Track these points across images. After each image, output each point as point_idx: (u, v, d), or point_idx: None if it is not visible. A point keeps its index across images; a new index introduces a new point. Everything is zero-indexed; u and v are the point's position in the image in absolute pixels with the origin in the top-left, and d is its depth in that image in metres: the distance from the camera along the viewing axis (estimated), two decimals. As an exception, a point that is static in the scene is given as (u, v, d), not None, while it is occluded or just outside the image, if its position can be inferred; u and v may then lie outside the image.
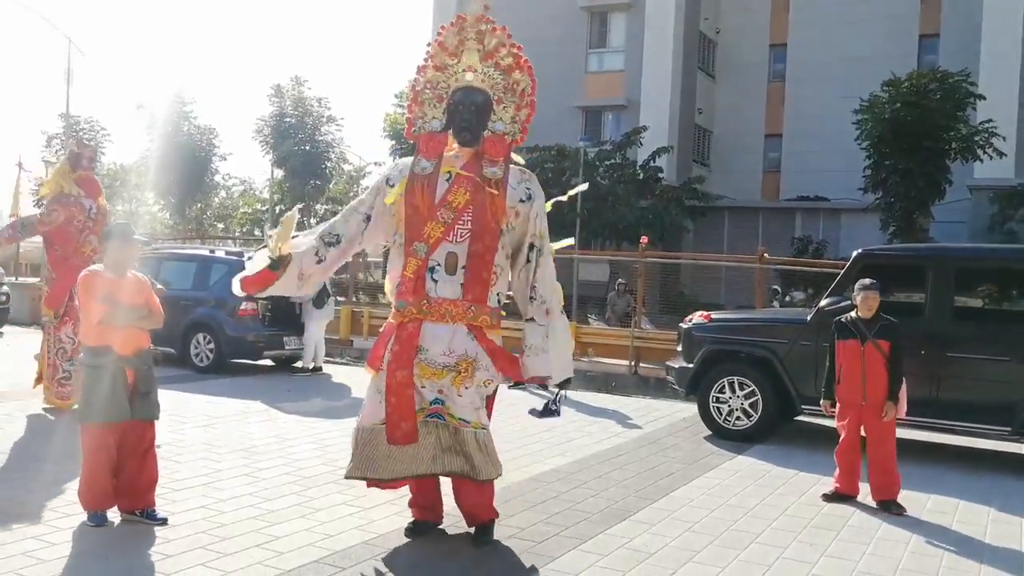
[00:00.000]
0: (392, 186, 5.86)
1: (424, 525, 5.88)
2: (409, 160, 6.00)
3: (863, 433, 7.20)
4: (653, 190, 29.59)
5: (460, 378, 5.52)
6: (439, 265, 5.59)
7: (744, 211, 34.71)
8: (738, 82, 36.61)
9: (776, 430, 9.90)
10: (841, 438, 7.30)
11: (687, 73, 34.78)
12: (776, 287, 19.80)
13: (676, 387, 10.87)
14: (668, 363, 11.15)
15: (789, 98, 35.70)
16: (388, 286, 5.98)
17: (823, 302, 9.33)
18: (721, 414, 9.79)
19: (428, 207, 5.63)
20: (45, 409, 9.61)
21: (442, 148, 5.86)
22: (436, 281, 5.58)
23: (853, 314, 7.33)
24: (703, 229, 32.80)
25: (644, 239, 18.07)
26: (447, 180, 5.72)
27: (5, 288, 18.45)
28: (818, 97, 33.79)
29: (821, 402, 7.61)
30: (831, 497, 7.21)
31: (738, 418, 9.69)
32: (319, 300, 13.86)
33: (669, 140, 31.94)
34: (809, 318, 9.48)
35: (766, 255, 16.98)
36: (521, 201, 5.75)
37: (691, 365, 10.19)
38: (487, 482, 5.68)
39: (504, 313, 5.89)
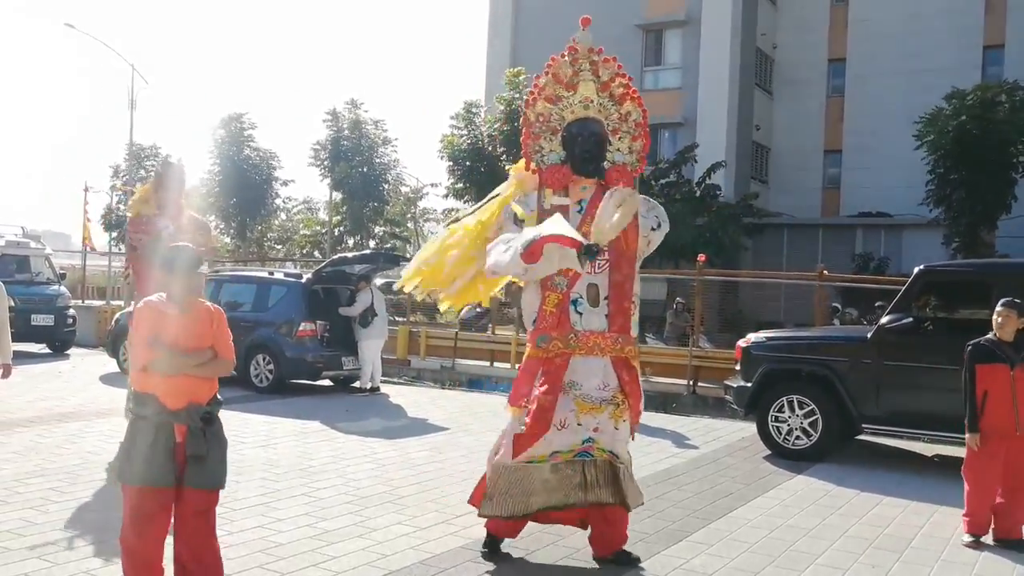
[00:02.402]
0: (522, 222, 5.71)
1: (498, 542, 5.87)
2: (531, 195, 5.82)
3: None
4: (710, 208, 29.40)
5: (619, 411, 5.55)
6: (581, 297, 5.55)
7: (803, 228, 34.30)
8: (796, 98, 36.28)
9: (836, 449, 9.73)
10: (971, 473, 6.61)
11: (744, 90, 34.55)
12: (836, 304, 19.53)
13: (735, 406, 10.76)
14: (726, 382, 11.05)
15: (848, 113, 35.28)
16: (526, 322, 5.90)
17: (884, 319, 9.18)
18: (780, 433, 9.66)
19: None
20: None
21: (567, 180, 5.79)
22: (581, 314, 5.54)
23: (991, 336, 6.61)
24: (762, 247, 32.48)
25: (701, 257, 17.94)
26: (579, 212, 5.68)
27: (72, 311, 18.85)
28: (878, 112, 33.35)
29: (968, 436, 6.58)
30: (978, 543, 6.47)
31: (797, 437, 9.55)
32: (364, 319, 13.93)
33: (727, 157, 31.72)
34: (870, 335, 9.33)
35: (825, 272, 16.77)
36: (652, 229, 5.83)
37: (749, 384, 10.08)
38: (628, 511, 5.82)
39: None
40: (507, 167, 6.90)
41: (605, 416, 5.50)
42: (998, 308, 6.58)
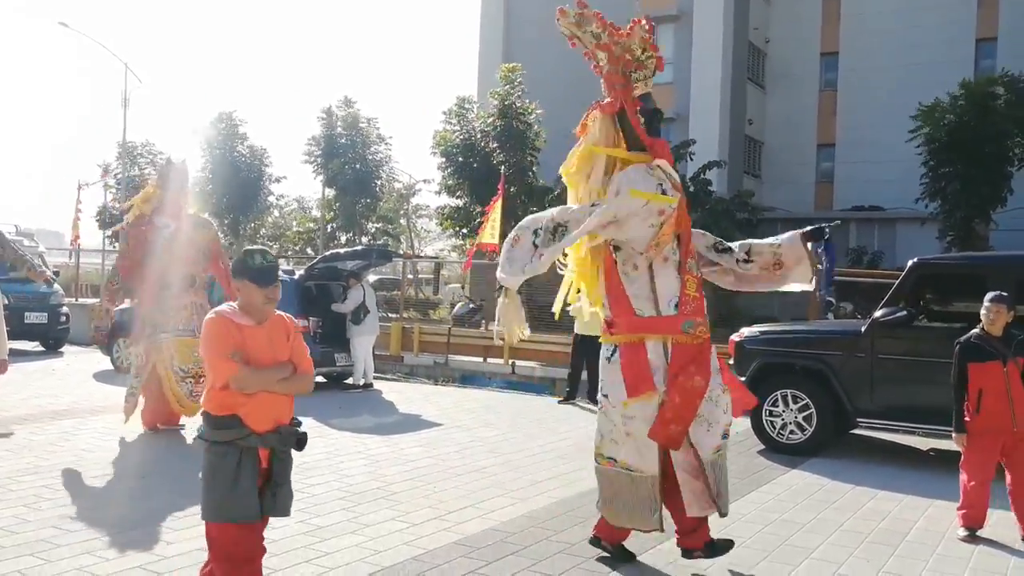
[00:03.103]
0: (665, 193, 5.35)
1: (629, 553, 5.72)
2: (640, 168, 5.40)
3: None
4: (704, 203, 29.38)
5: (726, 395, 5.46)
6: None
7: (797, 222, 34.05)
8: (789, 92, 36.31)
9: (830, 444, 9.73)
10: (969, 468, 6.55)
11: (737, 84, 34.57)
12: (831, 299, 19.51)
13: (729, 401, 10.73)
14: (720, 376, 11.02)
15: (841, 107, 35.32)
16: (613, 310, 5.48)
17: (878, 313, 9.16)
18: (775, 428, 9.65)
19: (687, 218, 5.44)
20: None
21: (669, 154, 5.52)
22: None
23: (978, 331, 6.55)
24: (755, 241, 32.47)
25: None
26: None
27: (65, 309, 18.80)
28: (871, 105, 33.39)
29: (955, 436, 6.60)
30: (974, 537, 6.45)
31: (792, 432, 9.54)
32: (356, 316, 13.90)
33: (719, 152, 31.73)
34: (863, 329, 9.32)
35: (819, 266, 16.73)
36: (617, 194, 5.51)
37: (743, 378, 10.06)
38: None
39: None
40: (500, 164, 6.81)
41: (724, 404, 5.46)
42: (986, 303, 6.45)
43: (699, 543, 5.51)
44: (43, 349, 18.42)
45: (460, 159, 30.21)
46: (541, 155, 30.30)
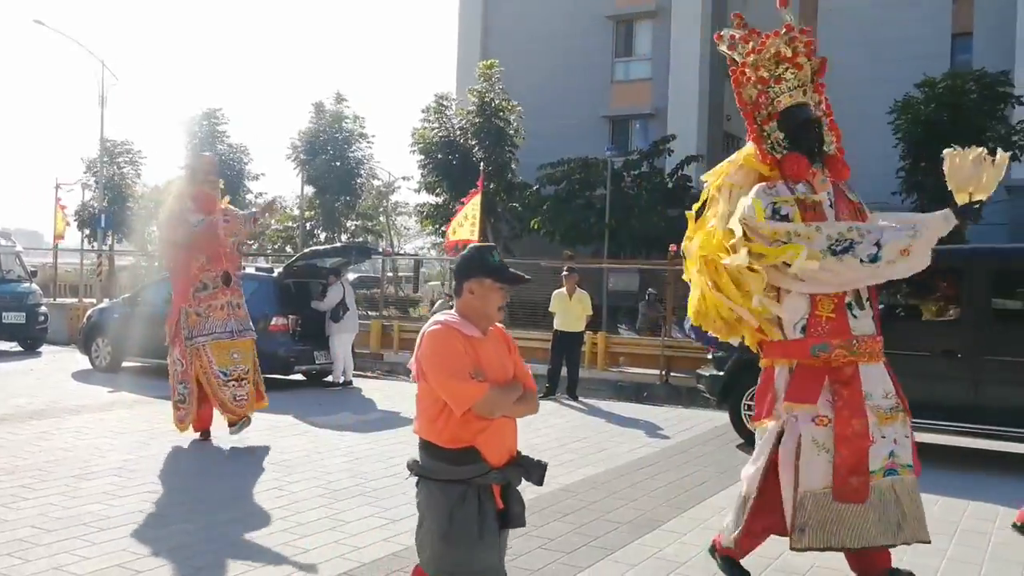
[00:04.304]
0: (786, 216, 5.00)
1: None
2: (764, 185, 5.12)
3: None
4: (683, 199, 29.49)
5: (906, 419, 5.10)
6: (852, 300, 5.06)
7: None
8: (766, 88, 36.42)
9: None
10: None
11: (714, 80, 34.64)
12: (808, 293, 19.64)
13: (707, 395, 10.81)
14: (699, 371, 11.09)
15: (818, 102, 35.46)
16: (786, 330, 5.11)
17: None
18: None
19: None
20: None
21: (807, 171, 5.11)
22: (856, 317, 5.03)
23: None
24: (735, 236, 32.60)
25: (672, 248, 17.98)
26: (830, 206, 5.11)
27: (44, 308, 18.68)
28: (848, 100, 33.26)
29: None
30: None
31: (770, 425, 9.58)
32: (335, 313, 13.88)
33: (698, 148, 31.81)
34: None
35: (797, 260, 16.85)
36: None
37: (721, 373, 10.12)
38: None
39: None
40: (479, 161, 6.72)
41: (899, 425, 5.03)
42: None
43: None
44: (21, 349, 18.28)
45: (439, 156, 30.18)
46: (519, 152, 30.31)
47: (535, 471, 3.54)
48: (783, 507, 5.08)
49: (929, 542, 5.09)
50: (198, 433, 9.25)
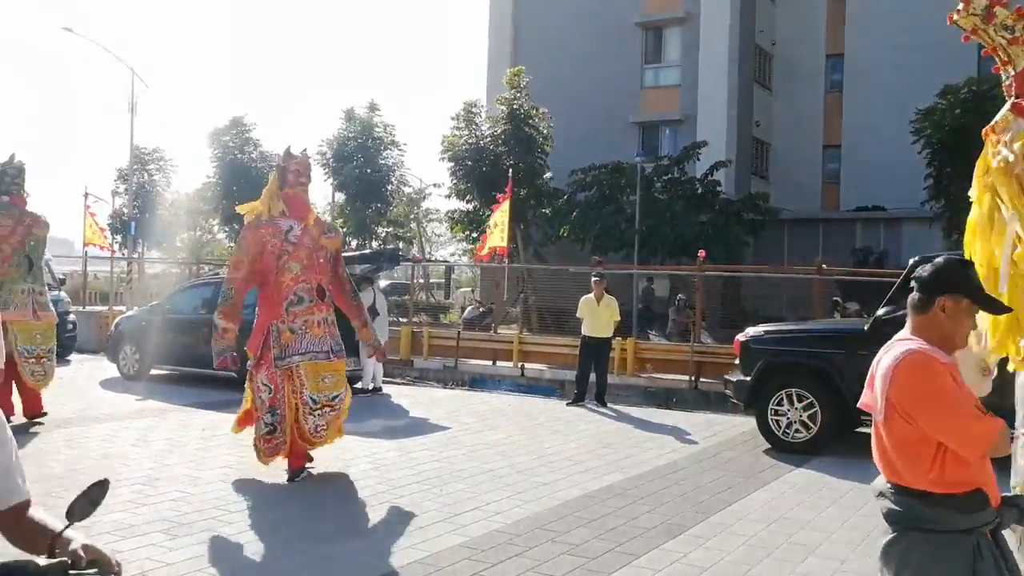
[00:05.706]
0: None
1: None
2: None
3: None
4: (712, 204, 29.43)
5: None
6: None
7: (804, 223, 34.32)
8: (795, 93, 36.27)
9: (835, 442, 9.77)
10: None
11: (743, 86, 34.57)
12: (836, 298, 19.57)
13: (735, 400, 10.81)
14: (726, 376, 11.09)
15: (847, 108, 35.27)
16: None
17: (880, 311, 9.22)
18: (780, 427, 9.70)
19: None
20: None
21: None
22: None
23: None
24: (764, 242, 32.49)
25: (702, 253, 17.99)
26: None
27: (72, 317, 18.90)
28: (876, 106, 33.33)
29: None
30: None
31: (797, 430, 9.59)
32: None
33: (727, 153, 31.72)
34: (867, 328, 9.36)
35: (824, 266, 16.80)
36: None
37: (749, 378, 10.12)
38: None
39: None
40: (509, 168, 6.61)
41: None
42: None
43: None
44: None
45: (469, 163, 30.30)
46: (549, 158, 30.34)
47: (1013, 513, 2.99)
48: None
49: None
50: (288, 472, 7.94)
